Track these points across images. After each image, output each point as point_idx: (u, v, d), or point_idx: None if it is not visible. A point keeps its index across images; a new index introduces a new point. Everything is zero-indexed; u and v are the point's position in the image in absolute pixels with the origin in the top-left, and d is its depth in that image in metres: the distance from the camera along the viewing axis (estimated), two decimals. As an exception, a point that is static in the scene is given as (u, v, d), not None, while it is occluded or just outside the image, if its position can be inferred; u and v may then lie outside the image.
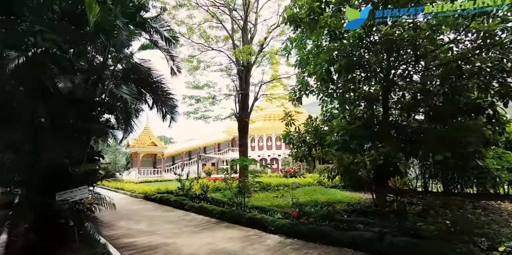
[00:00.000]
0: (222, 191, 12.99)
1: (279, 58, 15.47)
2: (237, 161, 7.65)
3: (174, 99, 5.76)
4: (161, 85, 5.39)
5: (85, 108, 4.41)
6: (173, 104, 5.74)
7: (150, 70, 5.46)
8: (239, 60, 13.05)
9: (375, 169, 8.66)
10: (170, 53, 6.05)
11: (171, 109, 5.73)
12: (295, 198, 11.30)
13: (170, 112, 6.12)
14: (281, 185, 14.75)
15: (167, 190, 12.64)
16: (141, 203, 11.28)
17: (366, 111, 7.64)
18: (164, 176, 30.71)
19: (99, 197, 5.10)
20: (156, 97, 5.52)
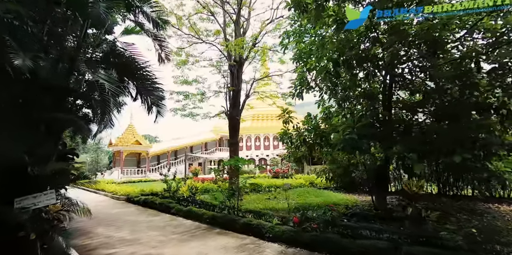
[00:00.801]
0: (211, 192, 12.30)
1: (272, 55, 14.93)
2: (230, 161, 6.99)
3: (161, 89, 5.04)
4: (146, 72, 4.67)
5: (54, 95, 3.65)
6: (159, 95, 5.02)
7: (134, 55, 4.73)
8: (231, 55, 12.40)
9: (374, 170, 8.22)
10: (158, 38, 5.32)
11: (157, 101, 5.01)
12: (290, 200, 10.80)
13: (156, 104, 5.40)
14: (272, 186, 14.18)
15: (151, 191, 11.80)
16: (123, 206, 10.42)
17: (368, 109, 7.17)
18: (148, 176, 29.57)
19: (70, 202, 4.32)
20: (141, 86, 4.79)
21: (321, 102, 8.23)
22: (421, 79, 6.63)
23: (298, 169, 31.72)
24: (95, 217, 8.40)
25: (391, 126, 5.83)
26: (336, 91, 6.87)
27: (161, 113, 5.72)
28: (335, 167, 8.75)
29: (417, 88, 6.43)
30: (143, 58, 4.77)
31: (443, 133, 5.08)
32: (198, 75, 13.07)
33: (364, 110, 6.96)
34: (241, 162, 6.87)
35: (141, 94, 4.91)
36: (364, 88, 6.80)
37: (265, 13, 32.41)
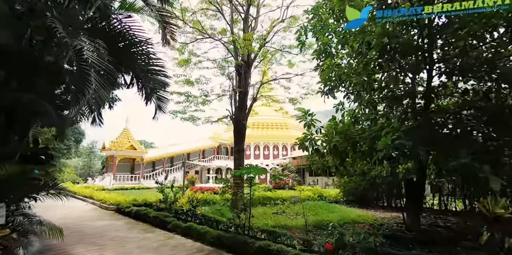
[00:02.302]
0: (212, 204, 11.06)
1: (280, 57, 14.03)
2: (242, 170, 5.83)
3: (164, 72, 3.94)
4: (146, 50, 3.59)
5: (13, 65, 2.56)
6: (161, 81, 3.93)
7: (131, 29, 3.65)
8: (238, 54, 11.41)
9: (407, 183, 7.11)
10: (161, 13, 4.27)
11: (158, 88, 3.93)
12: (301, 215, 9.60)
13: (156, 93, 4.30)
14: (279, 198, 12.96)
15: (145, 201, 10.54)
16: (111, 217, 9.13)
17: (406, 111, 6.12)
18: (142, 183, 28.10)
19: (29, 222, 3.13)
20: (138, 67, 3.69)
21: (339, 106, 7.20)
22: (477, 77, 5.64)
23: (300, 180, 30.45)
24: (77, 231, 7.14)
25: (446, 132, 4.76)
26: (370, 89, 5.82)
27: (162, 108, 4.62)
28: (360, 179, 7.59)
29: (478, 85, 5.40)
30: (142, 33, 3.70)
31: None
32: (202, 74, 11.96)
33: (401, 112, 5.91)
34: (255, 171, 5.71)
35: (138, 79, 3.81)
36: (404, 85, 5.78)
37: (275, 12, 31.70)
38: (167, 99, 4.61)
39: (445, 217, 9.77)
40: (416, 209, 7.02)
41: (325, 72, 5.62)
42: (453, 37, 4.96)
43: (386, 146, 4.11)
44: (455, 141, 4.63)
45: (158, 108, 4.65)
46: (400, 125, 4.63)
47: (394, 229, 7.26)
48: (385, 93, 5.89)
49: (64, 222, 8.04)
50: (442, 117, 5.34)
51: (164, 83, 4.03)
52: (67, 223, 7.86)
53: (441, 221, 9.01)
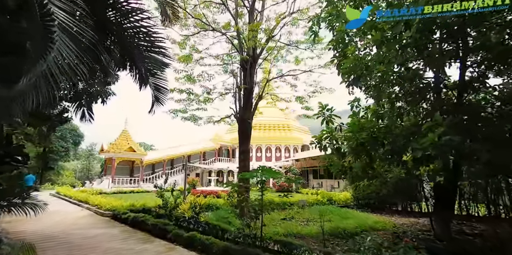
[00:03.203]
0: (215, 209, 10.29)
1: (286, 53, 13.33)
2: (253, 173, 5.09)
3: (163, 51, 3.21)
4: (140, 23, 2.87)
5: None
6: (160, 61, 3.19)
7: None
8: (243, 48, 10.72)
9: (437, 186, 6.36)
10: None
11: (155, 70, 3.18)
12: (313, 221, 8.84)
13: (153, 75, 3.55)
14: (285, 202, 12.19)
15: (143, 206, 9.77)
16: (107, 225, 8.36)
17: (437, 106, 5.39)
18: (142, 186, 27.30)
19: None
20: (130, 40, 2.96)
21: (354, 103, 6.46)
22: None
23: (304, 183, 29.67)
24: (66, 242, 6.37)
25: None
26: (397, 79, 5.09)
27: (161, 99, 3.88)
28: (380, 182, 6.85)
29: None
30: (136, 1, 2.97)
31: None
32: (205, 70, 11.24)
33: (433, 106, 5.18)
34: (268, 174, 4.97)
35: (130, 56, 3.08)
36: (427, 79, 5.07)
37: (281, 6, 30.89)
38: (166, 90, 3.90)
39: (469, 223, 9.01)
40: (446, 216, 6.27)
41: (349, 60, 4.90)
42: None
43: (433, 143, 3.37)
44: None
45: (155, 100, 3.93)
46: (442, 120, 3.89)
47: (422, 238, 6.50)
48: (413, 85, 5.16)
49: (52, 231, 7.30)
50: (486, 112, 4.62)
51: (163, 64, 3.32)
52: (57, 233, 7.11)
53: (466, 228, 8.24)
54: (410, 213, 11.26)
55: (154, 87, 3.80)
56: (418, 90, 5.70)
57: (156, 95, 3.84)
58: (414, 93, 5.78)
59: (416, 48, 4.27)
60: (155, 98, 3.88)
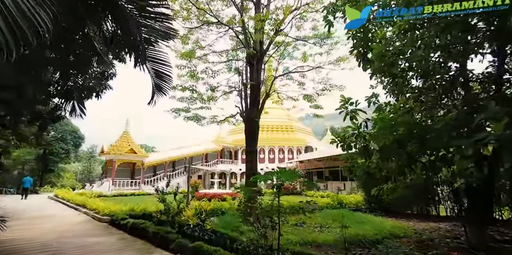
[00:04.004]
0: (220, 214, 9.61)
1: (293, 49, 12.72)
2: (269, 175, 4.44)
3: (166, 18, 2.58)
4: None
5: None
6: (163, 30, 2.55)
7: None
8: (250, 43, 10.12)
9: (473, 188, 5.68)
10: None
11: (159, 38, 2.55)
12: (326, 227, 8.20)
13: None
14: (293, 206, 11.49)
15: (144, 211, 9.12)
16: (103, 232, 7.72)
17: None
18: (143, 188, 26.66)
19: None
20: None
21: (372, 100, 5.81)
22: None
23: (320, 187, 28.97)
24: (58, 252, 5.75)
25: None
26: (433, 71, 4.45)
27: (163, 88, 3.25)
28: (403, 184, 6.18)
29: None
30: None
31: None
32: (208, 67, 10.62)
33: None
34: (286, 176, 4.33)
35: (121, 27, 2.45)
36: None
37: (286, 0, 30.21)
38: (169, 76, 3.27)
39: (495, 228, 8.32)
40: (481, 222, 5.59)
41: (381, 46, 4.26)
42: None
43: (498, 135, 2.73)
44: None
45: (156, 90, 3.32)
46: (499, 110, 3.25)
47: (454, 246, 5.82)
48: (443, 77, 4.53)
49: (45, 240, 6.67)
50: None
51: (166, 33, 2.69)
52: (49, 241, 6.47)
53: (495, 233, 7.56)
54: (427, 217, 10.59)
55: (155, 73, 3.19)
56: (450, 82, 5.07)
57: (157, 83, 3.23)
58: (445, 86, 5.15)
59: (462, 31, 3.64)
60: (156, 87, 3.27)
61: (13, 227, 8.38)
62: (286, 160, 36.97)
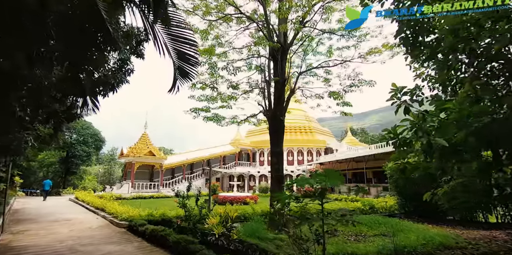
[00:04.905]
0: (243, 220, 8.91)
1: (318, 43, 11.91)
2: (312, 178, 3.73)
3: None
4: None
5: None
6: None
7: None
8: (272, 35, 9.45)
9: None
10: None
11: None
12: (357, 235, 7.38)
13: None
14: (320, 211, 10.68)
15: (163, 216, 8.59)
16: (121, 238, 7.22)
17: None
18: (161, 191, 26.50)
19: None
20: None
21: (415, 92, 4.95)
22: None
23: (332, 188, 27.86)
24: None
25: None
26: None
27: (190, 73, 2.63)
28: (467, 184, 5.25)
29: None
30: None
31: None
32: (229, 62, 10.02)
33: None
34: (330, 180, 3.61)
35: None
36: None
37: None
38: (195, 59, 2.64)
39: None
40: None
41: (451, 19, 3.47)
42: None
43: None
44: None
45: (179, 76, 2.69)
46: None
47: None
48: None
49: (60, 247, 6.22)
50: None
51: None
52: (63, 249, 6.01)
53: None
54: (473, 224, 9.48)
55: (177, 55, 2.57)
56: None
57: (180, 65, 2.62)
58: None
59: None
60: (179, 71, 2.66)
61: (30, 231, 8.07)
62: (306, 162, 35.96)
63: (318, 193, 3.86)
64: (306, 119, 40.88)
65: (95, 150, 43.62)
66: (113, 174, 58.36)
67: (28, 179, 34.45)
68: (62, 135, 10.76)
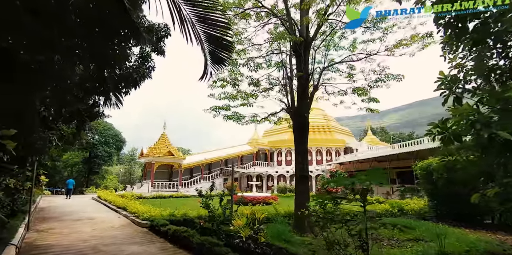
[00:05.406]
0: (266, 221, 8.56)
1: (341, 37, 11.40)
2: (353, 178, 3.36)
3: None
4: None
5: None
6: None
7: None
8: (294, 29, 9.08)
9: None
10: None
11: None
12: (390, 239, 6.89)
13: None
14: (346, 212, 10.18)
15: (184, 216, 8.43)
16: (143, 239, 7.08)
17: None
18: (180, 190, 26.65)
19: None
20: None
21: (455, 84, 4.44)
22: None
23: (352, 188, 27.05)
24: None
25: None
26: None
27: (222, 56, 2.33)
28: None
29: None
30: None
31: None
32: (250, 58, 9.73)
33: None
34: (373, 178, 3.23)
35: None
36: None
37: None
38: (229, 42, 2.34)
39: None
40: None
41: None
42: None
43: None
44: None
45: (211, 60, 2.39)
46: None
47: None
48: None
49: (83, 246, 6.12)
50: None
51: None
52: (86, 249, 5.91)
53: None
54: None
55: (207, 39, 2.29)
56: None
57: (211, 50, 2.33)
58: None
59: None
60: (210, 56, 2.37)
61: (54, 230, 8.11)
62: (325, 162, 35.18)
63: (360, 193, 3.49)
64: (324, 118, 40.06)
65: (116, 150, 44.71)
66: (133, 173, 59.66)
67: (53, 178, 35.69)
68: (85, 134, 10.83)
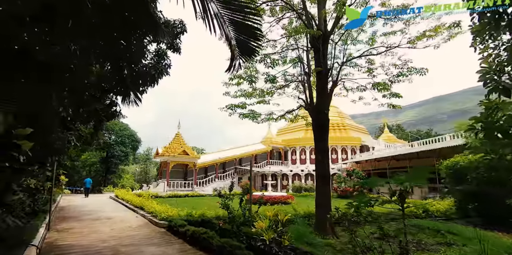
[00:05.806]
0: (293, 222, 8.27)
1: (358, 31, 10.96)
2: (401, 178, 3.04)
3: None
4: None
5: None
6: None
7: None
8: (312, 23, 8.75)
9: None
10: None
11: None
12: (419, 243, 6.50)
13: (230, 14, 1.78)
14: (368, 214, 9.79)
15: (202, 217, 8.28)
16: (162, 239, 6.97)
17: None
18: (195, 190, 26.72)
19: None
20: None
21: (489, 76, 4.01)
22: None
23: (370, 189, 26.40)
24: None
25: None
26: None
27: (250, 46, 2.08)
28: None
29: None
30: None
31: None
32: (266, 54, 9.46)
33: None
34: (415, 178, 2.91)
35: None
36: None
37: None
38: (259, 31, 2.10)
39: None
40: None
41: None
42: None
43: None
44: None
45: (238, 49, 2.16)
46: None
47: None
48: None
49: (102, 247, 6.05)
50: None
51: None
52: (105, 250, 5.84)
53: None
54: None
55: (234, 27, 2.04)
56: None
57: (239, 40, 2.08)
58: None
59: None
60: (238, 46, 2.13)
61: (74, 229, 8.13)
62: (340, 160, 34.51)
63: (398, 195, 3.19)
64: (339, 116, 39.32)
65: (132, 150, 45.48)
66: (148, 172, 60.56)
67: (72, 178, 36.58)
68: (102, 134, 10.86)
